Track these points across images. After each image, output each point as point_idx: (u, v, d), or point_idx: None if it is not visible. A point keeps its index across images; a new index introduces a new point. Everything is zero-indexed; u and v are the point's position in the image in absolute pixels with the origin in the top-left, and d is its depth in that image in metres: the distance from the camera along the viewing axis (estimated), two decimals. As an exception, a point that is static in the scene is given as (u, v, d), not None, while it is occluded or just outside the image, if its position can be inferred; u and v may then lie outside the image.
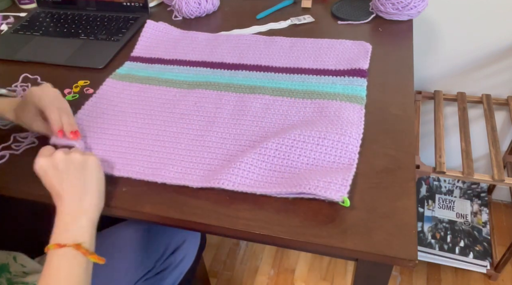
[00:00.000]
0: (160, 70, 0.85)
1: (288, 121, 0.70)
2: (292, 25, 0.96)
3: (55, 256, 0.52)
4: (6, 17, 1.11)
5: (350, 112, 0.69)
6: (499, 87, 1.26)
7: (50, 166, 0.58)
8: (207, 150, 0.66)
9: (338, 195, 0.55)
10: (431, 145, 1.33)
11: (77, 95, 0.82)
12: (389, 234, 0.54)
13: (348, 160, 0.61)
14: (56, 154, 0.58)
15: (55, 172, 0.57)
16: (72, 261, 0.52)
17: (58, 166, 0.57)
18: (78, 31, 1.01)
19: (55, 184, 0.57)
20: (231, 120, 0.71)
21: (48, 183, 0.57)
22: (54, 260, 0.52)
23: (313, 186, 0.56)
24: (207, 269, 1.38)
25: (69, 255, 0.52)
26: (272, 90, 0.77)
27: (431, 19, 1.18)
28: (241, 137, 0.68)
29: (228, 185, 0.59)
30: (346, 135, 0.63)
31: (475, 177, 1.03)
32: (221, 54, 0.87)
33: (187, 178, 0.62)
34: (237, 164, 0.61)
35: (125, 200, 0.62)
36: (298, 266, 1.45)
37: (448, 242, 1.30)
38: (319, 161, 0.61)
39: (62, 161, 0.57)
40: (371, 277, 0.61)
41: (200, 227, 0.59)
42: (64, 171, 0.57)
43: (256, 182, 0.60)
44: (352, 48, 0.85)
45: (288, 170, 0.61)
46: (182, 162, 0.65)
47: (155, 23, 0.96)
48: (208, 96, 0.77)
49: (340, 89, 0.75)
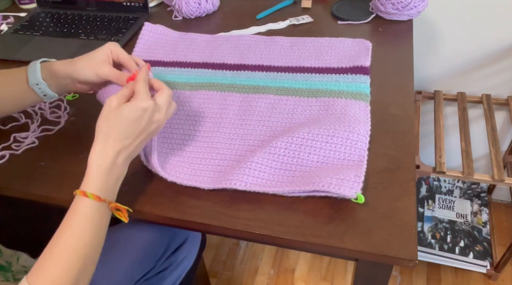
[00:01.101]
0: (160, 72, 0.85)
1: (294, 120, 0.70)
2: (291, 26, 0.96)
3: (91, 208, 0.52)
4: (6, 17, 1.11)
5: (356, 110, 0.69)
6: (499, 87, 1.26)
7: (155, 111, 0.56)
8: (216, 151, 0.66)
9: (352, 191, 0.55)
10: (431, 145, 1.32)
11: (77, 95, 0.82)
12: (389, 234, 0.54)
13: (358, 157, 0.62)
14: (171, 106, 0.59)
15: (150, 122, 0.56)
16: (105, 215, 0.54)
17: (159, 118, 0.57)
18: (78, 31, 1.01)
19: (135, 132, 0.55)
20: (237, 120, 0.71)
21: (133, 127, 0.55)
22: (89, 212, 0.52)
23: (326, 184, 0.56)
24: (207, 269, 1.38)
25: (103, 209, 0.53)
26: (276, 89, 0.77)
27: (431, 19, 1.18)
28: (249, 137, 0.68)
29: (240, 186, 0.59)
30: (354, 132, 0.63)
31: (475, 177, 1.03)
32: (222, 55, 0.87)
33: (198, 179, 0.62)
34: (247, 164, 0.61)
35: (125, 200, 0.62)
36: (298, 266, 1.45)
37: (448, 242, 1.30)
38: (329, 159, 0.62)
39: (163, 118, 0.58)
40: (371, 277, 0.61)
41: (200, 227, 0.59)
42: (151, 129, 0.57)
43: (268, 181, 0.60)
44: (353, 45, 0.86)
45: (299, 168, 0.62)
46: (191, 164, 0.65)
47: (152, 25, 0.96)
48: (212, 97, 0.76)
49: (344, 87, 0.75)
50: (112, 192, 0.55)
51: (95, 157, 0.53)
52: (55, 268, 0.49)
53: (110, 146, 0.53)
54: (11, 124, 0.76)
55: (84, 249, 0.51)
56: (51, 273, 0.49)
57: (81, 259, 0.51)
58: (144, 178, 0.64)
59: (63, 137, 0.74)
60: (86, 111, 0.79)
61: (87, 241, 0.52)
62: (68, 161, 0.56)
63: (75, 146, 0.70)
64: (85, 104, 0.80)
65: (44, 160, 0.69)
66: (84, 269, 0.52)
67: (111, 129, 0.53)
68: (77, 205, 0.52)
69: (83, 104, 0.80)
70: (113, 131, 0.53)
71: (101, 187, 0.53)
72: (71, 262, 0.50)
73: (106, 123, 0.53)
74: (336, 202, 0.58)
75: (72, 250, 0.50)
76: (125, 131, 0.53)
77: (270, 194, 0.60)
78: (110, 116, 0.53)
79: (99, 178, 0.53)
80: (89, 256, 0.52)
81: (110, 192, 0.55)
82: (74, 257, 0.50)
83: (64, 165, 0.59)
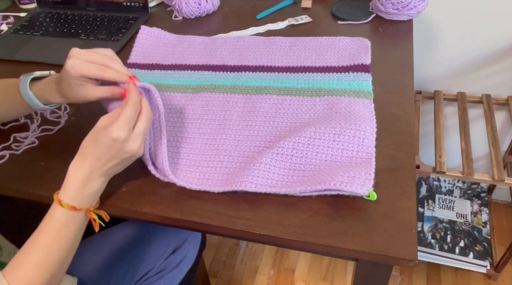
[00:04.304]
0: (160, 76, 0.84)
1: (299, 119, 0.70)
2: (290, 26, 0.96)
3: (67, 215, 0.55)
4: (6, 17, 1.11)
5: (361, 107, 0.69)
6: (499, 87, 1.26)
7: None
8: (223, 154, 0.66)
9: (364, 189, 0.55)
10: (431, 145, 1.32)
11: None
12: (389, 234, 0.54)
13: (366, 154, 0.62)
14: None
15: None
16: (80, 222, 0.56)
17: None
18: (78, 31, 1.01)
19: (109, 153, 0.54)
20: (242, 121, 0.71)
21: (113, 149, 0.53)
22: (64, 218, 0.55)
23: (337, 182, 0.56)
24: (207, 269, 1.38)
25: (77, 217, 0.56)
26: (279, 89, 0.77)
27: (431, 19, 1.18)
28: (254, 138, 0.68)
29: (250, 187, 0.59)
30: (361, 130, 0.63)
31: (475, 177, 1.03)
32: (221, 57, 0.87)
33: (207, 183, 0.62)
34: (256, 165, 0.61)
35: (125, 200, 0.62)
36: (298, 266, 1.45)
37: (448, 242, 1.30)
38: (337, 157, 0.62)
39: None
40: (371, 277, 0.61)
41: (200, 227, 0.59)
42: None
43: (278, 182, 0.60)
44: (352, 44, 0.86)
45: (308, 168, 0.62)
46: (199, 168, 0.65)
47: (149, 28, 0.95)
48: (215, 99, 0.76)
49: (346, 85, 0.76)
50: (88, 201, 0.56)
51: (73, 168, 0.55)
52: (34, 267, 0.53)
53: (85, 162, 0.54)
54: (11, 124, 0.76)
55: (59, 252, 0.55)
56: (28, 271, 0.52)
57: (56, 261, 0.54)
58: (144, 178, 0.64)
59: (63, 137, 0.74)
60: (86, 111, 0.79)
61: (62, 244, 0.55)
62: (68, 161, 0.56)
63: (75, 146, 0.69)
64: (85, 104, 0.80)
65: (44, 160, 0.69)
66: (58, 269, 0.55)
67: (87, 148, 0.54)
68: (53, 211, 0.55)
69: (83, 104, 0.80)
70: (88, 151, 0.54)
71: (75, 196, 0.55)
72: (46, 263, 0.53)
73: (86, 140, 0.55)
74: (336, 202, 0.58)
75: (48, 252, 0.54)
76: (96, 154, 0.53)
77: (270, 194, 0.60)
78: (92, 135, 0.54)
79: (74, 188, 0.54)
80: (64, 258, 0.56)
81: (86, 202, 0.56)
82: (49, 258, 0.54)
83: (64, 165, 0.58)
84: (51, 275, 0.54)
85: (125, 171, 0.60)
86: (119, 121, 0.52)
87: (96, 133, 0.53)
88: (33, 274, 0.53)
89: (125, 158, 0.55)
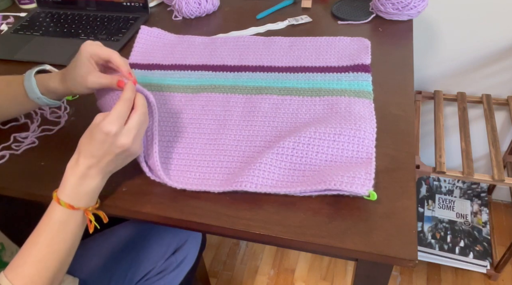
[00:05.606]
0: (160, 76, 0.84)
1: (299, 119, 0.70)
2: (289, 26, 0.96)
3: (65, 214, 0.55)
4: (6, 17, 1.11)
5: (361, 107, 0.70)
6: (499, 87, 1.26)
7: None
8: (223, 154, 0.66)
9: (364, 189, 0.55)
10: (431, 145, 1.33)
11: (77, 95, 0.82)
12: (389, 234, 0.54)
13: (366, 154, 0.62)
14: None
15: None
16: (78, 221, 0.56)
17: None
18: (78, 31, 1.01)
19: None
20: (242, 121, 0.71)
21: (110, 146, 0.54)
22: (62, 217, 0.55)
23: (338, 182, 0.56)
24: (207, 269, 1.38)
25: (75, 216, 0.55)
26: (279, 89, 0.77)
27: (431, 19, 1.18)
28: (255, 138, 0.68)
29: (250, 187, 0.59)
30: (361, 130, 0.63)
31: (475, 177, 1.03)
32: (221, 57, 0.87)
33: (207, 183, 0.62)
34: (256, 165, 0.61)
35: (125, 200, 0.62)
36: (298, 266, 1.45)
37: (448, 242, 1.30)
38: (337, 157, 0.62)
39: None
40: (371, 277, 0.61)
41: (200, 227, 0.59)
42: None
43: (278, 182, 0.60)
44: (352, 44, 0.86)
45: (308, 168, 0.62)
46: (199, 168, 0.65)
47: (149, 28, 0.95)
48: (215, 99, 0.76)
49: (346, 85, 0.76)
50: (86, 200, 0.56)
51: (70, 166, 0.55)
52: (34, 267, 0.53)
53: (81, 159, 0.55)
54: (11, 124, 0.76)
55: (59, 251, 0.55)
56: (29, 270, 0.53)
57: (56, 260, 0.54)
58: (144, 178, 0.64)
59: (63, 137, 0.74)
60: (86, 111, 0.79)
61: (61, 244, 0.55)
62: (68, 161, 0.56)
63: (75, 146, 0.69)
64: (85, 104, 0.80)
65: (44, 160, 0.69)
66: (59, 268, 0.55)
67: (83, 145, 0.55)
68: (52, 210, 0.55)
69: (83, 104, 0.80)
70: (83, 147, 0.55)
71: (73, 194, 0.55)
72: (48, 262, 0.54)
73: (83, 138, 0.55)
74: (336, 202, 0.58)
75: (47, 251, 0.54)
76: (91, 150, 0.54)
77: (270, 194, 0.60)
78: (88, 132, 0.55)
79: (71, 186, 0.55)
80: (63, 257, 0.56)
81: (83, 200, 0.56)
82: (50, 257, 0.54)
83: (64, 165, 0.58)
84: (52, 274, 0.54)
85: (125, 171, 0.60)
86: (110, 116, 0.53)
87: (91, 130, 0.54)
88: (34, 273, 0.53)
89: (118, 153, 0.55)
